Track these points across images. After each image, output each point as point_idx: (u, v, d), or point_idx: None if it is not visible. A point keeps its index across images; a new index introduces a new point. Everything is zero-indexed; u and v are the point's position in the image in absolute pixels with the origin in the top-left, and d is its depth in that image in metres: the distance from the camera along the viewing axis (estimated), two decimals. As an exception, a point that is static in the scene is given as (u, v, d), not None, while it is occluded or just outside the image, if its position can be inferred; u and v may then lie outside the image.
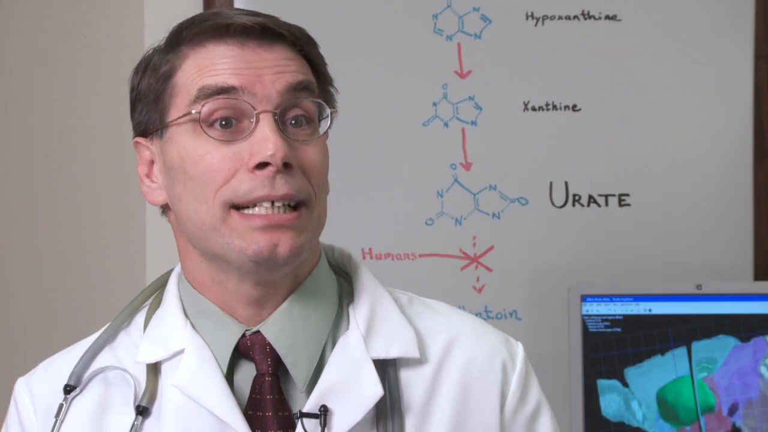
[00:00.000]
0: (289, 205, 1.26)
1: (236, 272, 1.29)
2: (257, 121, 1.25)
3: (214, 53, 1.27)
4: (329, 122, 1.31)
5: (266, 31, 1.27)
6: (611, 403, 2.24)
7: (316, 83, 1.31)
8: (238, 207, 1.26)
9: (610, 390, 2.25)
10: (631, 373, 2.26)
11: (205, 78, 1.26)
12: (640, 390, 2.25)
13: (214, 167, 1.25)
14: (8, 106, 2.60)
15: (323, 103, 1.31)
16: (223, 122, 1.26)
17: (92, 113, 2.50)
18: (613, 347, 2.25)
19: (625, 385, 2.25)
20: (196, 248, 1.31)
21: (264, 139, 1.24)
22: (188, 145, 1.27)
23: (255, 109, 1.25)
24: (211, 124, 1.26)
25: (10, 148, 2.60)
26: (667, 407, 2.24)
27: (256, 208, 1.25)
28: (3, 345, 2.60)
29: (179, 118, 1.27)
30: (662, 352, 2.26)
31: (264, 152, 1.24)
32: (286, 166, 1.25)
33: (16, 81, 2.59)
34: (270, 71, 1.26)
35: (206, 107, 1.26)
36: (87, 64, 2.51)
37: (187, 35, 1.29)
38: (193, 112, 1.26)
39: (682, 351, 2.26)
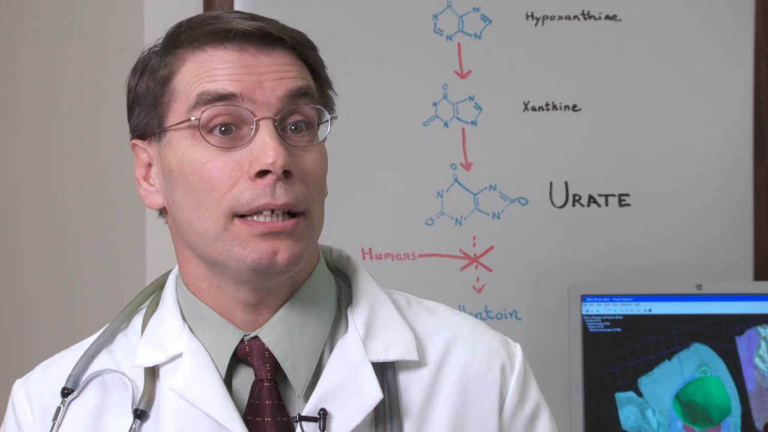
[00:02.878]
0: (288, 213, 1.26)
1: (234, 278, 1.29)
2: (257, 128, 1.24)
3: (213, 58, 1.26)
4: (329, 127, 1.31)
5: (266, 35, 1.26)
6: (629, 415, 2.25)
7: (316, 88, 1.31)
8: (240, 215, 1.26)
9: (627, 402, 2.25)
10: (644, 382, 2.26)
11: (204, 83, 1.25)
12: (653, 398, 2.25)
13: (215, 175, 1.25)
14: (8, 106, 2.60)
15: (323, 108, 1.30)
16: (223, 128, 1.25)
17: (92, 113, 2.50)
18: (627, 358, 2.25)
19: (640, 395, 2.26)
20: (194, 253, 1.31)
21: (264, 147, 1.24)
22: (188, 151, 1.26)
23: (255, 116, 1.25)
24: (211, 130, 1.25)
25: (10, 148, 2.60)
26: (695, 409, 2.24)
27: (258, 216, 1.25)
28: (3, 345, 2.60)
29: (178, 123, 1.26)
30: (669, 357, 2.26)
31: (264, 160, 1.23)
32: (286, 174, 1.25)
33: (16, 81, 2.59)
34: (270, 77, 1.25)
35: (205, 114, 1.25)
36: (87, 64, 2.51)
37: (186, 38, 1.28)
38: (192, 119, 1.25)
39: (686, 353, 2.26)
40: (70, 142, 2.54)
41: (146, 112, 1.30)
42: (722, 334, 2.26)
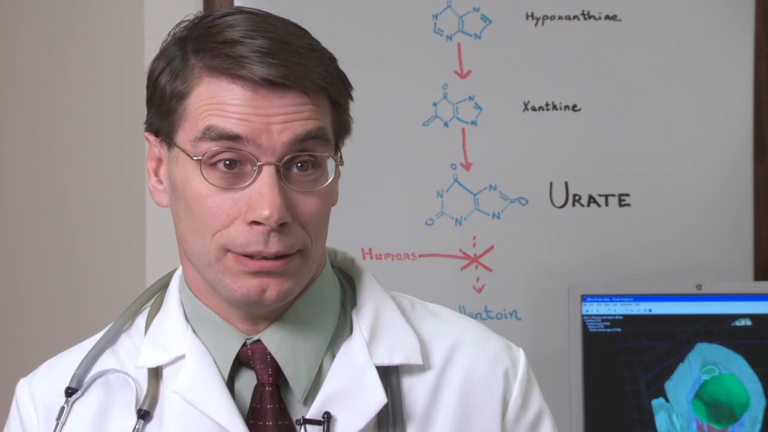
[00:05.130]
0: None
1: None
2: (259, 172, 1.23)
3: (225, 91, 1.24)
4: (334, 170, 1.28)
5: (278, 83, 1.24)
6: (662, 421, 2.25)
7: (333, 118, 1.29)
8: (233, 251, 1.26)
9: (659, 408, 2.26)
10: (669, 386, 2.26)
11: (213, 117, 1.24)
12: (676, 402, 2.26)
13: (213, 210, 1.24)
14: (8, 106, 2.60)
15: (331, 156, 1.28)
16: (227, 162, 1.24)
17: (92, 113, 2.50)
18: (655, 364, 2.26)
19: (667, 400, 2.26)
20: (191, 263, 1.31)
21: (261, 197, 1.22)
22: (191, 178, 1.26)
23: (258, 161, 1.23)
24: (215, 164, 1.24)
25: (10, 148, 2.60)
26: (721, 408, 2.25)
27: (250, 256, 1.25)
28: (4, 345, 2.60)
29: (184, 151, 1.26)
30: (682, 359, 2.27)
31: (260, 212, 1.22)
32: (282, 224, 1.24)
33: (16, 81, 2.59)
34: (279, 119, 1.23)
35: (208, 153, 1.24)
36: (87, 64, 2.51)
37: (202, 57, 1.25)
38: (194, 158, 1.24)
39: (692, 354, 2.27)
40: (70, 142, 2.54)
41: (159, 116, 1.29)
42: (746, 330, 2.26)
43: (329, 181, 1.28)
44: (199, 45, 1.26)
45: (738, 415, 2.25)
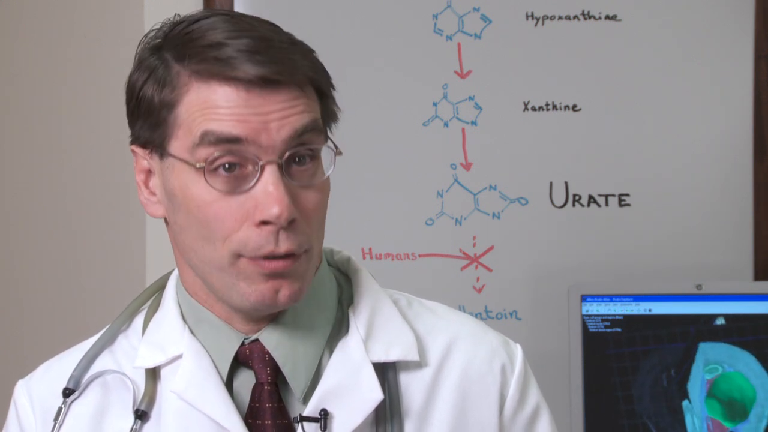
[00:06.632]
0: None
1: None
2: (261, 171, 1.23)
3: (218, 94, 1.22)
4: (333, 163, 1.29)
5: (271, 80, 1.23)
6: (688, 423, 2.26)
7: (321, 109, 1.28)
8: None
9: (687, 410, 2.26)
10: (689, 387, 2.27)
11: (209, 121, 1.22)
12: (694, 402, 2.26)
13: (220, 216, 1.23)
14: (8, 106, 2.60)
15: (329, 147, 1.28)
16: (227, 166, 1.23)
17: (92, 113, 2.50)
18: (680, 368, 2.26)
19: (690, 401, 2.26)
20: (194, 271, 1.30)
21: (268, 196, 1.22)
22: (192, 186, 1.24)
23: (260, 160, 1.22)
24: (215, 168, 1.23)
25: (10, 148, 2.60)
26: (735, 405, 2.25)
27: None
28: (3, 346, 2.60)
29: (181, 159, 1.24)
30: (693, 360, 2.27)
31: (269, 211, 1.22)
32: (291, 221, 1.23)
33: (16, 81, 2.59)
34: (276, 116, 1.23)
35: (210, 159, 1.22)
36: (87, 64, 2.51)
37: (189, 63, 1.23)
38: (198, 166, 1.23)
39: (698, 354, 2.27)
40: (70, 142, 2.54)
41: (149, 127, 1.27)
42: (748, 327, 2.26)
43: (327, 174, 1.29)
44: (181, 51, 1.24)
45: (749, 411, 2.26)
